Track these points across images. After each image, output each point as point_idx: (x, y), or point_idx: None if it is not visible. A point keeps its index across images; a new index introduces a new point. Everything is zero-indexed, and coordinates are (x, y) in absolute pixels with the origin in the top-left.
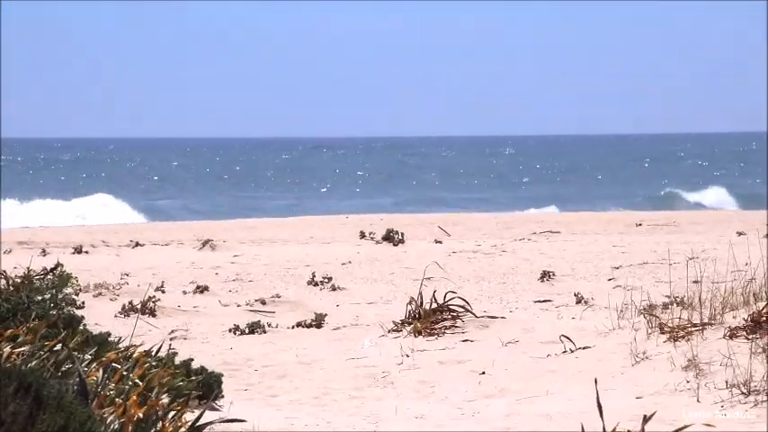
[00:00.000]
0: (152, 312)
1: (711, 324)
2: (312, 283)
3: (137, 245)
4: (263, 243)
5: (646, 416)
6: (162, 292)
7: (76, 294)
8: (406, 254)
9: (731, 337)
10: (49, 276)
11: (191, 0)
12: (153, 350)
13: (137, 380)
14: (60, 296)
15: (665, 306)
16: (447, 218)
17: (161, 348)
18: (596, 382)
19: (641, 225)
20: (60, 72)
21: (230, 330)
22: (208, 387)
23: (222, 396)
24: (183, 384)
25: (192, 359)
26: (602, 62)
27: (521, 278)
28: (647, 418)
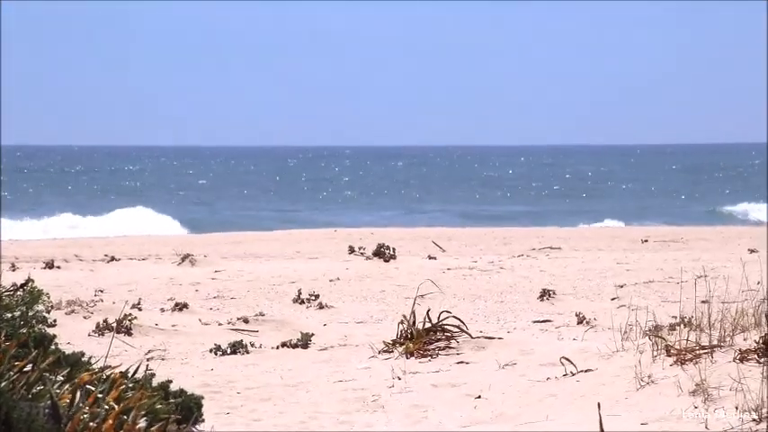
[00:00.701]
0: (128, 331)
1: (721, 347)
2: (298, 300)
3: (112, 259)
4: (246, 258)
5: None
6: (138, 309)
7: (48, 312)
8: (397, 270)
9: (742, 360)
10: (18, 293)
11: (174, 1)
12: (129, 371)
13: (112, 403)
14: (31, 314)
15: (671, 327)
16: (442, 232)
17: (138, 369)
18: (599, 407)
19: (647, 241)
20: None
21: (211, 350)
22: (187, 410)
23: (202, 420)
24: (161, 407)
25: (171, 381)
26: (606, 68)
27: (519, 297)
28: None
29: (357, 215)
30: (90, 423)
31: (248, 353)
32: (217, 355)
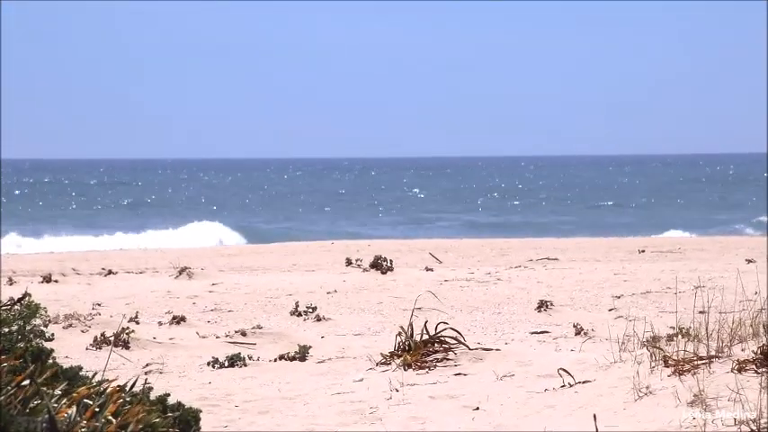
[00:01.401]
0: (126, 345)
1: (719, 357)
2: (295, 313)
3: (109, 273)
4: (243, 271)
5: None
6: (136, 323)
7: (45, 326)
8: (394, 282)
9: (740, 370)
10: (16, 307)
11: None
12: (127, 385)
13: (110, 417)
14: (28, 328)
15: (669, 338)
16: (439, 244)
17: (135, 383)
18: (595, 418)
19: (644, 252)
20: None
21: (209, 363)
22: (185, 424)
23: None
24: (159, 421)
25: (169, 394)
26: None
27: (517, 308)
28: None
29: (353, 226)
30: None
31: (246, 366)
32: (214, 368)
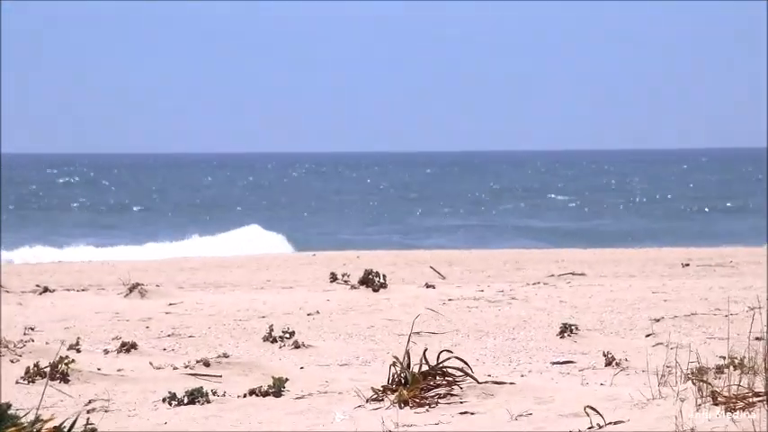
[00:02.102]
0: (64, 377)
1: None
2: (269, 338)
3: (45, 290)
4: (206, 288)
5: None
6: (77, 351)
7: None
8: (388, 302)
9: None
10: None
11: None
12: (65, 425)
13: None
14: None
15: (719, 369)
16: (441, 255)
17: (75, 423)
18: None
19: (688, 265)
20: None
21: (164, 400)
22: None
23: None
24: None
25: None
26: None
27: (535, 333)
28: None
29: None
30: None
31: (209, 402)
32: (171, 405)
